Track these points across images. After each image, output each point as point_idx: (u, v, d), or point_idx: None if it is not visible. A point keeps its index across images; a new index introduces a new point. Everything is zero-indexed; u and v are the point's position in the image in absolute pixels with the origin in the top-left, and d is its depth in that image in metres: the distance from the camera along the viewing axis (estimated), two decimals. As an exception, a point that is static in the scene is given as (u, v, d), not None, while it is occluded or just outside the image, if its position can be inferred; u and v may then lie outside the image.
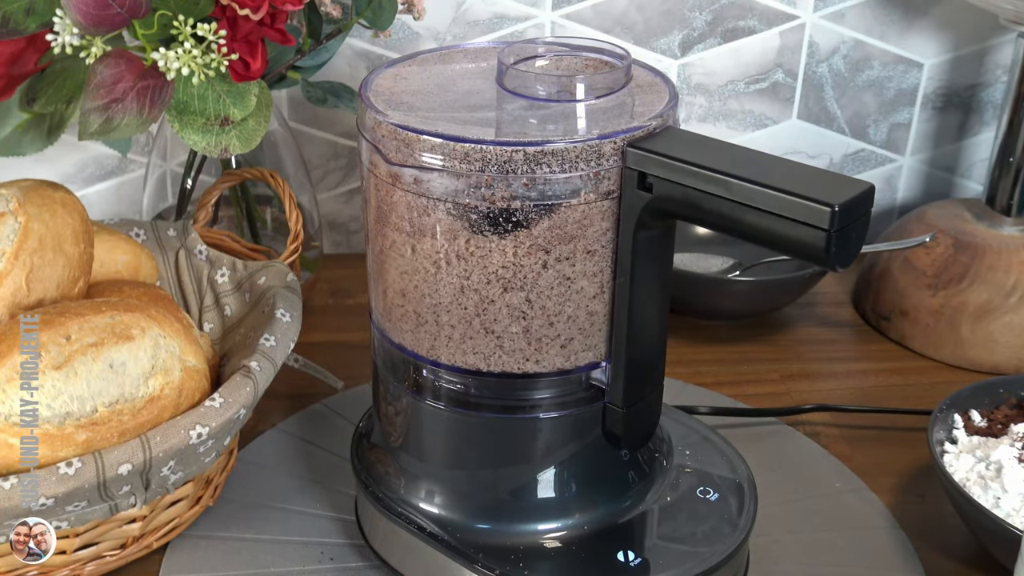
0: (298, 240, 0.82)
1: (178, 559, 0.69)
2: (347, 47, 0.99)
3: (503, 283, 0.56)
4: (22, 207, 0.68)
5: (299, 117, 1.03)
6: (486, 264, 0.55)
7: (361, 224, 1.08)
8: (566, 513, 0.61)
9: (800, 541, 0.71)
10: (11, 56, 0.72)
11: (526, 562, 0.59)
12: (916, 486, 0.76)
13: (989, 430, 0.74)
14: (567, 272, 0.56)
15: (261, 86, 0.73)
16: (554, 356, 0.58)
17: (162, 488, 0.65)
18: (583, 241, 0.55)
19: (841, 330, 0.97)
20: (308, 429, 0.81)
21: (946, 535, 0.72)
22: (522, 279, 0.56)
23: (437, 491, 0.63)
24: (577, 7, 1.00)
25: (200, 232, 0.83)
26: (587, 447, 0.61)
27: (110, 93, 0.67)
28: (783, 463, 0.78)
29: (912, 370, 0.91)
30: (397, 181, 0.56)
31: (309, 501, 0.74)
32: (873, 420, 0.83)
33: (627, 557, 0.59)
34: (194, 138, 0.71)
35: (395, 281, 0.59)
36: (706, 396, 0.85)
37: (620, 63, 0.59)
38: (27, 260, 0.67)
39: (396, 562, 0.65)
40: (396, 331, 0.61)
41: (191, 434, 0.62)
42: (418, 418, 0.62)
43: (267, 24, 0.70)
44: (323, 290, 1.00)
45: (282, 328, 0.70)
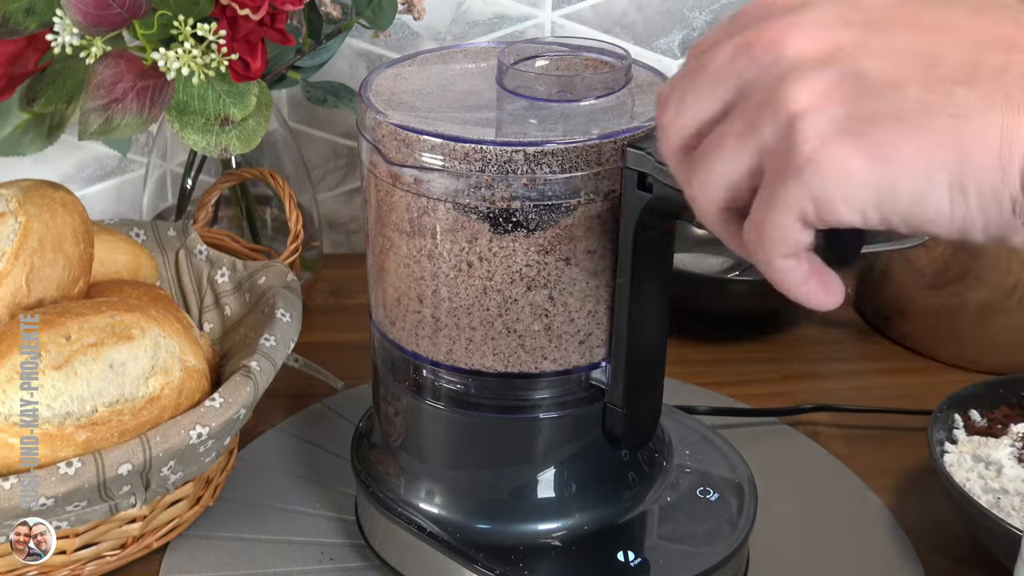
0: (298, 240, 0.82)
1: (178, 559, 0.69)
2: (347, 47, 0.99)
3: (503, 283, 0.56)
4: (22, 207, 0.68)
5: (299, 117, 1.03)
6: (486, 264, 0.55)
7: (361, 224, 1.08)
8: (566, 513, 0.61)
9: (800, 541, 0.71)
10: (11, 56, 0.72)
11: (526, 562, 0.59)
12: (916, 486, 0.76)
13: (989, 430, 0.74)
14: (567, 272, 0.56)
15: (261, 86, 0.73)
16: (554, 356, 0.58)
17: (162, 488, 0.65)
18: (583, 241, 0.55)
19: (841, 330, 0.97)
20: (308, 429, 0.81)
21: (946, 535, 0.71)
22: (522, 279, 0.56)
23: (437, 491, 0.63)
24: (577, 7, 1.00)
25: (200, 232, 0.83)
26: (587, 447, 0.61)
27: (110, 93, 0.67)
28: (783, 463, 0.78)
29: (912, 370, 0.91)
30: (397, 181, 0.56)
31: (309, 501, 0.74)
32: (873, 420, 0.83)
33: (627, 557, 0.59)
34: (194, 138, 0.71)
35: (394, 281, 0.59)
36: (706, 396, 0.85)
37: (620, 63, 0.59)
38: (27, 260, 0.67)
39: (396, 562, 0.65)
40: (392, 330, 0.61)
41: (191, 434, 0.62)
42: (418, 418, 0.62)
43: (267, 24, 0.70)
44: (323, 290, 1.00)
45: (282, 328, 0.70)
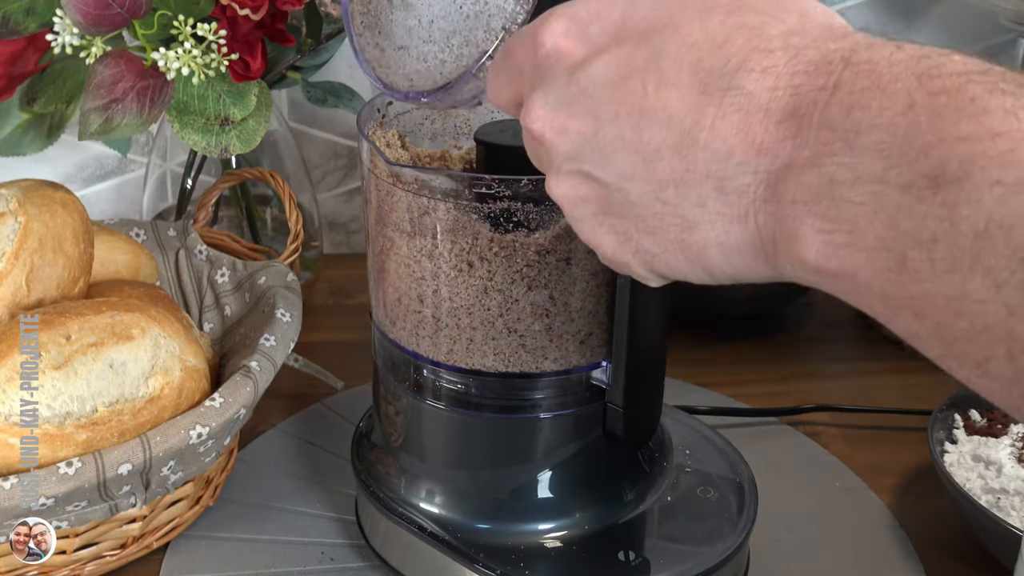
0: (298, 240, 0.82)
1: (178, 559, 0.69)
2: (347, 47, 0.98)
3: (503, 283, 0.56)
4: (22, 207, 0.68)
5: (299, 117, 1.03)
6: (487, 264, 0.55)
7: (361, 224, 1.08)
8: (566, 513, 0.61)
9: (800, 541, 0.71)
10: (11, 56, 0.72)
11: (526, 562, 0.59)
12: (916, 486, 0.76)
13: (989, 430, 0.74)
14: (568, 272, 0.56)
15: (261, 86, 0.73)
16: (553, 357, 0.58)
17: (162, 488, 0.64)
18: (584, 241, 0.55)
19: (841, 330, 0.97)
20: (308, 429, 0.81)
21: (946, 535, 0.71)
22: (523, 279, 0.56)
23: (437, 491, 0.63)
24: (577, 7, 1.00)
25: (200, 232, 0.83)
26: (587, 447, 0.61)
27: (110, 93, 0.67)
28: (783, 463, 0.78)
29: (912, 370, 0.90)
30: (398, 181, 0.56)
31: (309, 501, 0.74)
32: (873, 420, 0.83)
33: (627, 557, 0.59)
34: (194, 138, 0.71)
35: (395, 281, 0.59)
36: (706, 396, 0.85)
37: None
38: (27, 260, 0.67)
39: (396, 562, 0.65)
40: (393, 330, 0.61)
41: (191, 434, 0.62)
42: (418, 418, 0.62)
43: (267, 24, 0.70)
44: (323, 290, 1.00)
45: (282, 328, 0.70)
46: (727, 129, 0.37)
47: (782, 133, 0.36)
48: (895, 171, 0.33)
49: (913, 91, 0.33)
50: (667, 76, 0.38)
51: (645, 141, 0.38)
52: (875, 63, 0.35)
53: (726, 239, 0.38)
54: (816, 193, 0.35)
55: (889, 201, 0.33)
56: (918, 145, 0.32)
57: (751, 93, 0.36)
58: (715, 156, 0.37)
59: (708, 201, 0.38)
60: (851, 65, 0.35)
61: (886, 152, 0.33)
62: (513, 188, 0.53)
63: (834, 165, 0.34)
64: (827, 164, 0.34)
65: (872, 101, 0.34)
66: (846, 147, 0.34)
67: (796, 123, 0.35)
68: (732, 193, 0.37)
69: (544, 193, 0.44)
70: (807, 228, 0.35)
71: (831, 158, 0.34)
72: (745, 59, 0.37)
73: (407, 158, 0.61)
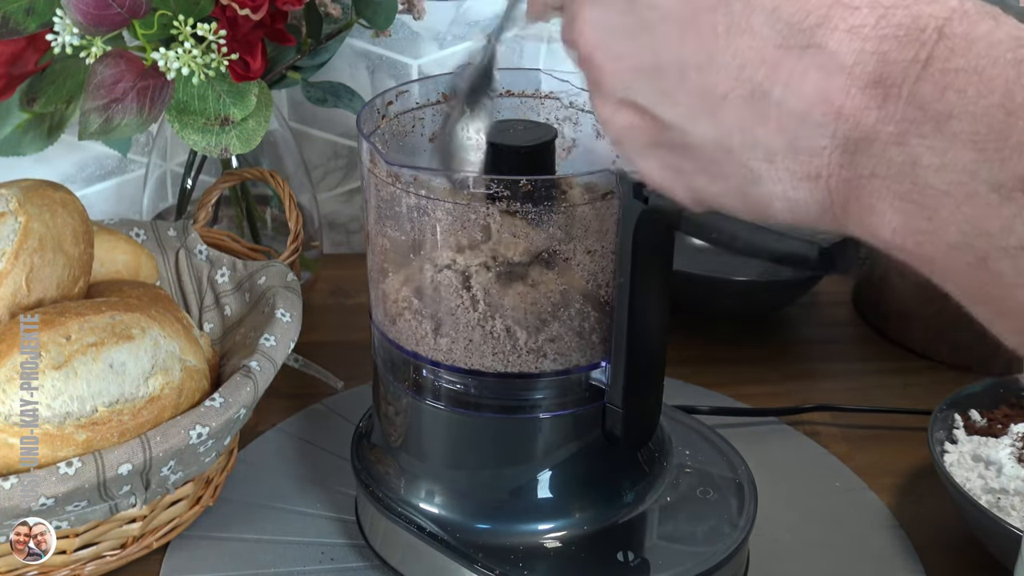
0: (298, 240, 0.82)
1: (178, 559, 0.69)
2: (347, 47, 0.99)
3: (502, 283, 0.56)
4: (22, 207, 0.68)
5: (299, 117, 1.03)
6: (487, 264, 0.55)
7: (361, 224, 1.08)
8: (566, 513, 0.61)
9: (800, 541, 0.71)
10: (11, 56, 0.72)
11: (526, 562, 0.59)
12: (916, 486, 0.76)
13: (989, 430, 0.74)
14: (567, 272, 0.56)
15: (261, 86, 0.73)
16: (552, 357, 0.58)
17: (162, 488, 0.65)
18: (584, 241, 0.55)
19: (841, 330, 0.97)
20: (308, 429, 0.81)
21: (946, 535, 0.71)
22: (522, 279, 0.56)
23: (437, 491, 0.63)
24: (577, 7, 1.00)
25: (200, 232, 0.83)
26: (587, 447, 0.61)
27: (110, 93, 0.67)
28: (783, 463, 0.78)
29: (912, 370, 0.90)
30: (397, 181, 0.56)
31: (309, 501, 0.74)
32: (873, 420, 0.83)
33: (627, 557, 0.59)
34: (194, 138, 0.71)
35: (394, 281, 0.59)
36: (706, 396, 0.85)
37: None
38: (27, 260, 0.67)
39: (396, 562, 0.65)
40: (392, 330, 0.61)
41: (191, 434, 0.62)
42: (418, 418, 0.62)
43: (267, 24, 0.70)
44: (323, 290, 1.00)
45: (282, 328, 0.70)
46: (805, 88, 0.35)
47: (866, 101, 0.34)
48: (987, 166, 0.31)
49: (1012, 82, 0.32)
50: (739, 20, 0.36)
51: (712, 86, 0.36)
52: (972, 41, 0.33)
53: (793, 195, 0.37)
54: (898, 172, 0.33)
55: (976, 196, 0.31)
56: (1014, 143, 0.31)
57: (834, 53, 0.34)
58: (789, 113, 0.35)
59: (776, 157, 0.36)
60: (945, 38, 0.33)
61: (980, 144, 0.31)
62: (513, 188, 0.53)
63: (921, 147, 0.33)
64: (914, 144, 0.33)
65: (968, 85, 0.32)
66: (935, 130, 0.32)
67: (883, 92, 0.34)
68: (804, 153, 0.36)
69: (544, 193, 0.43)
70: (885, 205, 0.34)
71: (919, 139, 0.33)
72: (827, 14, 0.35)
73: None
